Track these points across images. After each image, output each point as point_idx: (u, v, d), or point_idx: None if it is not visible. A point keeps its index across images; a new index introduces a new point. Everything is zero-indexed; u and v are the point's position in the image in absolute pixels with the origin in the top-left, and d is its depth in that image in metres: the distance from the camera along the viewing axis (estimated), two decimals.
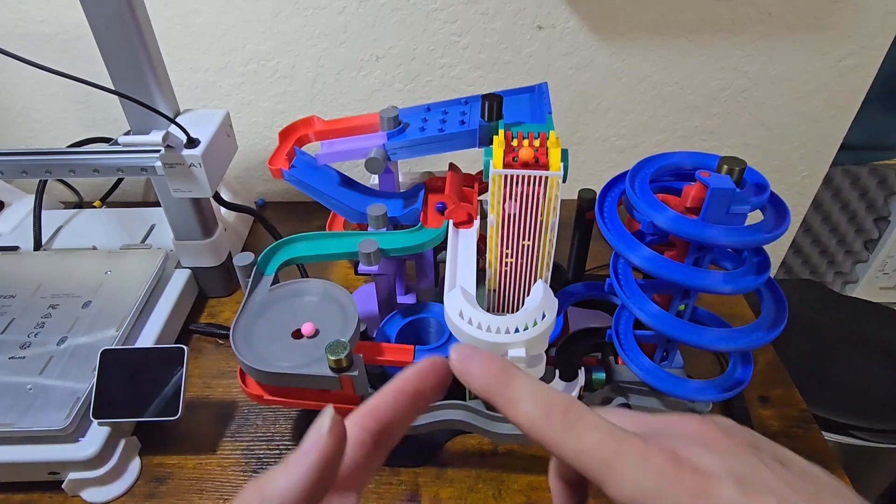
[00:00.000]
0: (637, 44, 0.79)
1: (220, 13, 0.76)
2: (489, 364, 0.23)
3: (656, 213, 0.42)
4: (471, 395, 0.50)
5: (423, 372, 0.22)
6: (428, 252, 0.55)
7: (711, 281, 0.42)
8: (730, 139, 0.89)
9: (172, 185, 0.58)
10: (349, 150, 0.53)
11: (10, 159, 0.55)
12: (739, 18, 0.76)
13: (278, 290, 0.48)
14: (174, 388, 0.49)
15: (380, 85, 0.82)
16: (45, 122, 0.86)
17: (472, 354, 0.23)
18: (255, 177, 0.91)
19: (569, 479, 0.25)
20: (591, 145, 0.89)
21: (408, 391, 0.22)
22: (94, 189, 0.86)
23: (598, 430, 0.21)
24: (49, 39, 0.77)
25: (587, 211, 0.56)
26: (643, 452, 0.20)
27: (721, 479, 0.19)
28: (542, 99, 0.52)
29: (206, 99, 0.83)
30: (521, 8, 0.75)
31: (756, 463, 0.20)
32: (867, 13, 0.76)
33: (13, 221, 0.75)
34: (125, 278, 0.63)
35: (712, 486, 0.19)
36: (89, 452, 0.48)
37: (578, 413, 0.21)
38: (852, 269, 1.36)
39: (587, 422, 0.21)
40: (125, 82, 0.54)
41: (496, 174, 0.42)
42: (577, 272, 0.62)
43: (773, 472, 0.20)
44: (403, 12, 0.75)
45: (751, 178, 0.44)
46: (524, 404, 0.22)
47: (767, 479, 0.19)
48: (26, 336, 0.56)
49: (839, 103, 0.85)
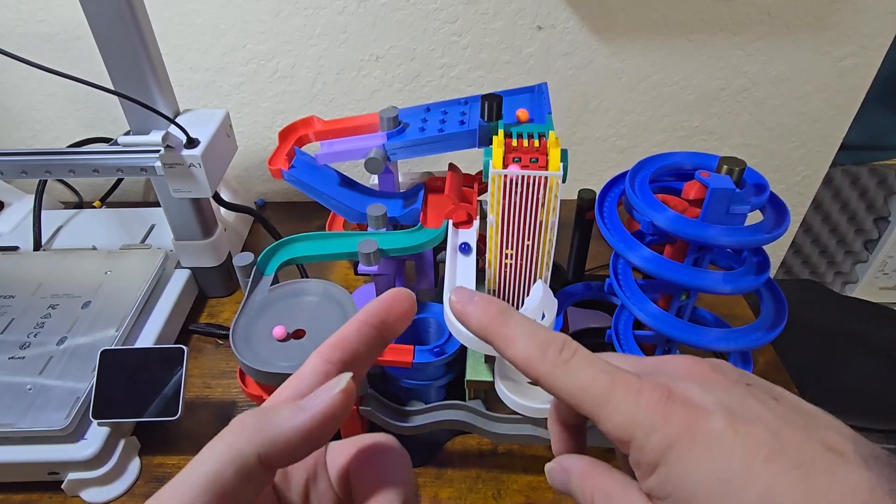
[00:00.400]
0: (637, 44, 0.79)
1: (220, 13, 0.76)
2: (487, 305, 0.23)
3: (656, 213, 0.42)
4: (471, 395, 0.50)
5: (387, 303, 0.22)
6: (428, 252, 0.55)
7: (711, 281, 0.42)
8: (730, 139, 0.89)
9: (172, 186, 0.58)
10: (349, 150, 0.53)
11: (10, 159, 0.55)
12: (739, 18, 0.76)
13: (278, 290, 0.48)
14: (174, 389, 0.49)
15: (380, 85, 0.82)
16: (45, 122, 0.86)
17: (470, 296, 0.24)
18: (255, 177, 0.91)
19: (568, 423, 0.26)
20: (591, 145, 0.89)
21: (371, 322, 0.22)
22: (94, 189, 0.86)
23: (593, 366, 0.21)
24: (49, 39, 0.77)
25: (587, 211, 0.56)
26: (636, 388, 0.20)
27: (712, 411, 0.19)
28: (542, 99, 0.52)
29: (206, 99, 0.83)
30: (521, 8, 0.75)
31: (747, 396, 0.20)
32: (867, 13, 0.76)
33: (13, 221, 0.75)
34: (125, 278, 0.63)
35: (703, 417, 0.19)
36: (89, 452, 0.48)
37: (573, 350, 0.22)
38: (852, 269, 1.36)
39: (582, 359, 0.21)
40: (125, 82, 0.54)
41: (496, 174, 0.42)
42: (577, 272, 0.62)
43: (764, 405, 0.20)
44: (403, 12, 0.75)
45: (751, 178, 0.44)
46: (520, 342, 0.22)
47: (758, 411, 0.19)
48: (26, 336, 0.56)
49: (839, 103, 0.85)
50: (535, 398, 0.45)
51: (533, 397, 0.45)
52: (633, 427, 0.19)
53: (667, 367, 0.23)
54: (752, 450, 0.18)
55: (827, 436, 0.18)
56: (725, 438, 0.18)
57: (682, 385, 0.20)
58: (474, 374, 0.49)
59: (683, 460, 0.19)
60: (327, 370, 0.21)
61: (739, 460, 0.18)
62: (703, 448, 0.18)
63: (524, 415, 0.45)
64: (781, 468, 0.18)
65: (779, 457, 0.18)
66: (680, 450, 0.19)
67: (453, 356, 0.49)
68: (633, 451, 0.20)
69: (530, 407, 0.44)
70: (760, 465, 0.18)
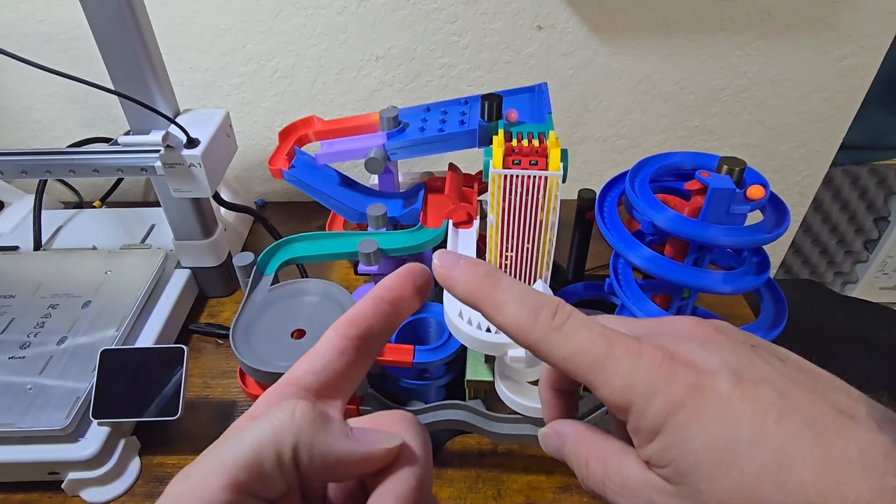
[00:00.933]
0: (637, 44, 0.79)
1: (220, 13, 0.76)
2: (474, 268, 0.22)
3: (656, 213, 0.42)
4: (471, 395, 0.50)
5: (402, 278, 0.22)
6: (428, 252, 0.55)
7: (711, 281, 0.42)
8: (730, 139, 0.89)
9: (172, 185, 0.58)
10: (349, 150, 0.53)
11: (10, 159, 0.55)
12: (739, 18, 0.76)
13: (278, 290, 0.48)
14: (174, 388, 0.49)
15: (380, 85, 0.82)
16: (45, 122, 0.86)
17: (455, 259, 0.22)
18: (255, 177, 0.91)
19: (560, 388, 0.25)
20: (591, 145, 0.89)
21: (387, 298, 0.21)
22: (94, 189, 0.86)
23: (589, 330, 0.20)
24: (49, 39, 0.77)
25: (587, 211, 0.56)
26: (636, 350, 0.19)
27: (718, 372, 0.18)
28: (542, 99, 0.52)
29: (206, 99, 0.83)
30: (521, 8, 0.75)
31: (753, 357, 0.19)
32: (867, 13, 0.76)
33: (13, 221, 0.75)
34: (125, 278, 0.63)
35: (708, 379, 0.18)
36: (89, 452, 0.48)
37: (567, 314, 0.20)
38: (852, 269, 1.36)
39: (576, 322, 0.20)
40: (125, 82, 0.54)
41: (496, 174, 0.42)
42: (577, 272, 0.62)
43: (770, 366, 0.19)
44: (403, 12, 0.75)
45: (751, 178, 0.44)
46: (510, 307, 0.21)
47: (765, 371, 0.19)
48: (26, 336, 0.56)
49: (839, 103, 0.85)
50: (535, 398, 0.45)
51: (533, 397, 0.45)
52: (633, 392, 0.18)
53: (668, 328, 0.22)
54: (761, 412, 0.17)
55: (837, 398, 0.18)
56: (732, 400, 0.17)
57: (684, 346, 0.19)
58: (474, 374, 0.49)
59: (687, 425, 0.18)
60: (344, 346, 0.21)
61: (748, 423, 0.17)
62: (709, 411, 0.17)
63: (524, 415, 0.45)
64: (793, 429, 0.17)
65: (789, 418, 0.17)
66: (683, 414, 0.18)
67: (453, 356, 0.49)
68: (632, 417, 0.19)
69: (530, 407, 0.44)
70: (771, 426, 0.17)
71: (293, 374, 0.20)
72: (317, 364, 0.20)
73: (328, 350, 0.20)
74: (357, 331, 0.21)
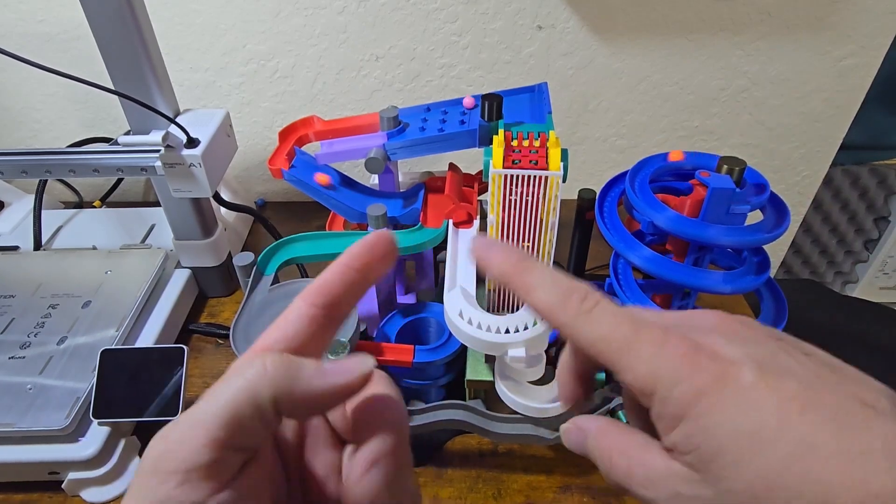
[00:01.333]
0: (637, 44, 0.79)
1: (220, 13, 0.76)
2: (508, 252, 0.23)
3: (656, 213, 0.42)
4: (471, 395, 0.50)
5: (369, 245, 0.23)
6: (428, 252, 0.55)
7: (711, 281, 0.42)
8: (730, 139, 0.89)
9: (172, 185, 0.58)
10: (349, 150, 0.53)
11: (10, 159, 0.55)
12: (739, 18, 0.76)
13: (278, 290, 0.48)
14: (174, 388, 0.49)
15: (380, 85, 0.82)
16: (45, 122, 0.86)
17: (492, 242, 0.24)
18: (255, 177, 0.91)
19: (577, 373, 0.25)
20: (591, 145, 0.89)
21: (354, 266, 0.22)
22: (94, 189, 0.86)
23: (616, 315, 0.21)
24: (49, 39, 0.77)
25: (587, 211, 0.56)
26: (661, 338, 0.19)
27: (742, 363, 0.18)
28: (542, 99, 0.52)
29: (206, 99, 0.83)
30: (521, 8, 0.75)
31: (778, 351, 0.19)
32: (867, 13, 0.76)
33: (13, 221, 0.75)
34: (125, 278, 0.63)
35: (733, 369, 0.18)
36: (89, 452, 0.48)
37: (596, 299, 0.21)
38: (852, 269, 1.36)
39: (604, 308, 0.21)
40: (125, 82, 0.54)
41: (496, 174, 0.42)
42: (577, 272, 0.62)
43: (795, 360, 0.19)
44: (403, 12, 0.75)
45: (751, 178, 0.44)
46: (542, 290, 0.22)
47: (789, 364, 0.19)
48: (26, 336, 0.56)
49: (839, 103, 0.85)
50: (535, 398, 0.45)
51: (533, 397, 0.45)
52: (657, 378, 0.19)
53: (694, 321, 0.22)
54: (785, 402, 0.17)
55: (860, 391, 0.18)
56: (758, 390, 0.18)
57: (709, 338, 0.20)
58: (474, 374, 0.49)
59: (711, 413, 0.18)
60: (313, 314, 0.22)
61: (772, 413, 0.17)
62: (733, 400, 0.18)
63: (524, 414, 0.45)
64: (817, 419, 0.17)
65: (813, 409, 0.17)
66: (707, 402, 0.18)
67: (453, 356, 0.49)
68: (655, 403, 0.19)
69: (530, 407, 0.44)
70: (795, 417, 0.17)
71: (265, 341, 0.21)
72: (288, 331, 0.21)
73: (298, 318, 0.21)
74: (325, 299, 0.22)
